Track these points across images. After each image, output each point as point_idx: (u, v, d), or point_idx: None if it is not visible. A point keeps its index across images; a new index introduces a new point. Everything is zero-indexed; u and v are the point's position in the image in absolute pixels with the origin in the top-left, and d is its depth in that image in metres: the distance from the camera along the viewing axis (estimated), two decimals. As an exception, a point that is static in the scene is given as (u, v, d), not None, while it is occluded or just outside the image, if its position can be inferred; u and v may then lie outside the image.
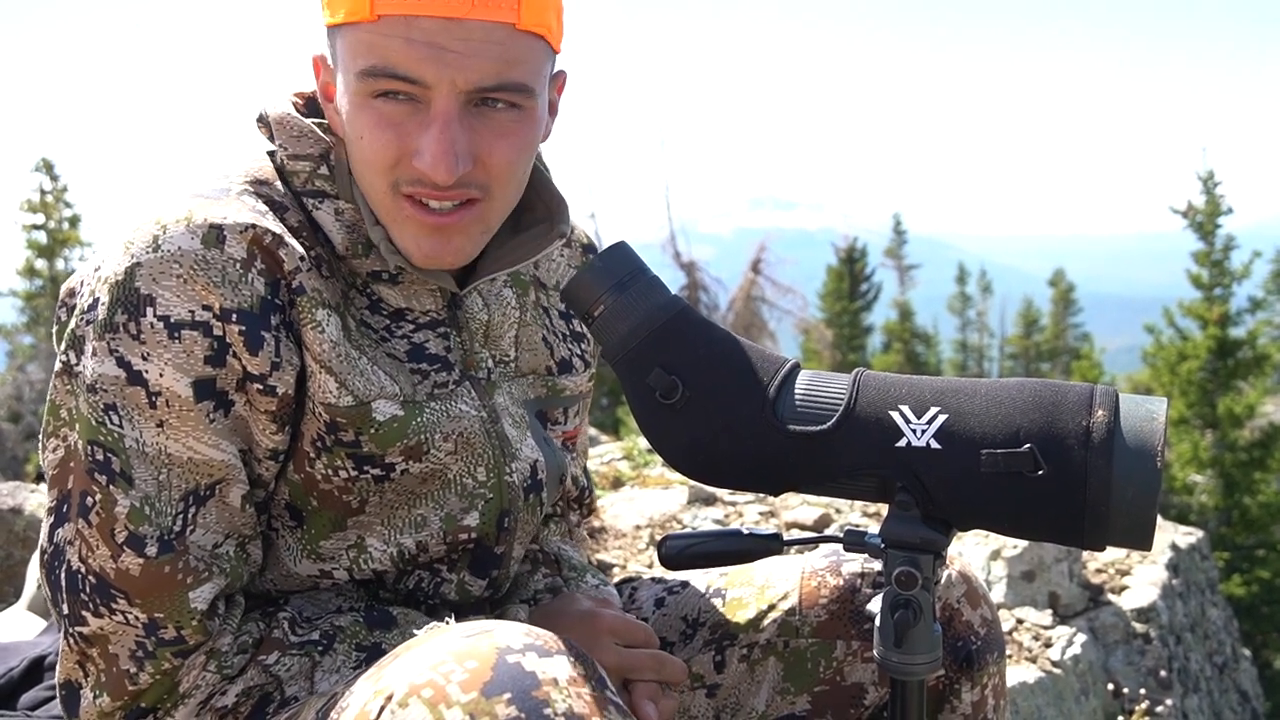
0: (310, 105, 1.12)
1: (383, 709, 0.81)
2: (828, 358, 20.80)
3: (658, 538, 2.76)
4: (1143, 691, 2.63)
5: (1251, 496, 11.47)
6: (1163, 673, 2.69)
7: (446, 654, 0.82)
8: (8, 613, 2.07)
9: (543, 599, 1.25)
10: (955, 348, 32.09)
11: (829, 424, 0.91)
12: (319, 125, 1.08)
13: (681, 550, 1.10)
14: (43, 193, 18.09)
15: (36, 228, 18.07)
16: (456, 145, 0.97)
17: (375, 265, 1.07)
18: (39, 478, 3.02)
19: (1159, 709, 2.60)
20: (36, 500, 2.79)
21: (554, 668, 0.81)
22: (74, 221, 18.31)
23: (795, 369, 0.96)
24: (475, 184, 1.02)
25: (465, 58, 0.96)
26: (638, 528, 2.92)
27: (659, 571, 2.44)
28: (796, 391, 0.93)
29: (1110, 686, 2.61)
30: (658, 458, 3.60)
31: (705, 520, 2.90)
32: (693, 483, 3.18)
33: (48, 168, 18.21)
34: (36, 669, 1.36)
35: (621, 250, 0.99)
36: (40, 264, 18.01)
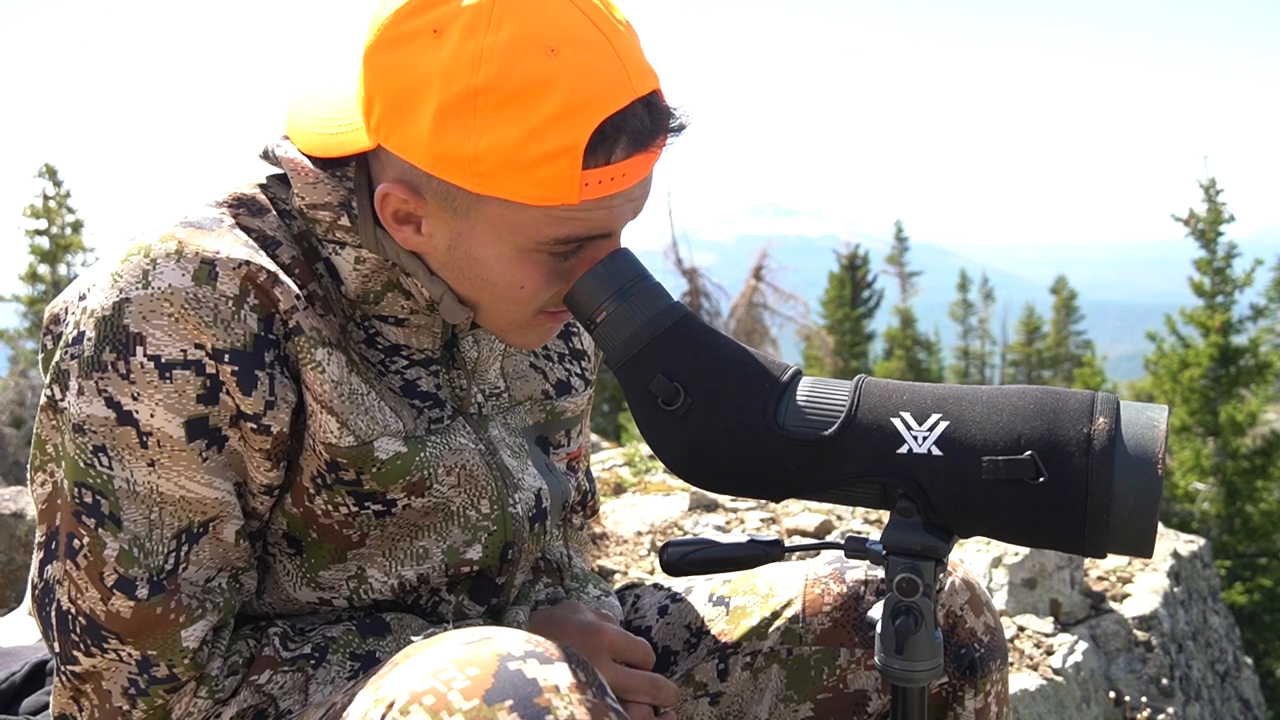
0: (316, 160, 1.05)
1: (384, 716, 0.80)
2: (829, 364, 20.79)
3: (659, 544, 2.76)
4: (1144, 699, 2.62)
5: (1253, 504, 11.45)
6: (1164, 681, 2.68)
7: (447, 661, 0.81)
8: (9, 617, 2.07)
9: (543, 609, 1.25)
10: (957, 355, 32.09)
11: (830, 430, 0.91)
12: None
13: (683, 557, 1.10)
14: (46, 198, 18.12)
15: (39, 233, 18.10)
16: None
17: (385, 310, 1.05)
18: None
19: (1160, 717, 2.59)
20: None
21: (555, 675, 0.81)
22: (77, 227, 18.34)
23: (797, 375, 0.96)
24: None
25: (643, 199, 1.00)
26: (639, 534, 2.92)
27: (661, 578, 2.43)
28: (798, 398, 0.94)
29: (1112, 694, 2.61)
30: (659, 464, 3.60)
31: (706, 527, 2.90)
32: (694, 489, 3.18)
33: (51, 173, 18.24)
34: (39, 674, 1.36)
35: (624, 257, 0.99)
36: (43, 269, 18.04)
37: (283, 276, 0.97)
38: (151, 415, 0.92)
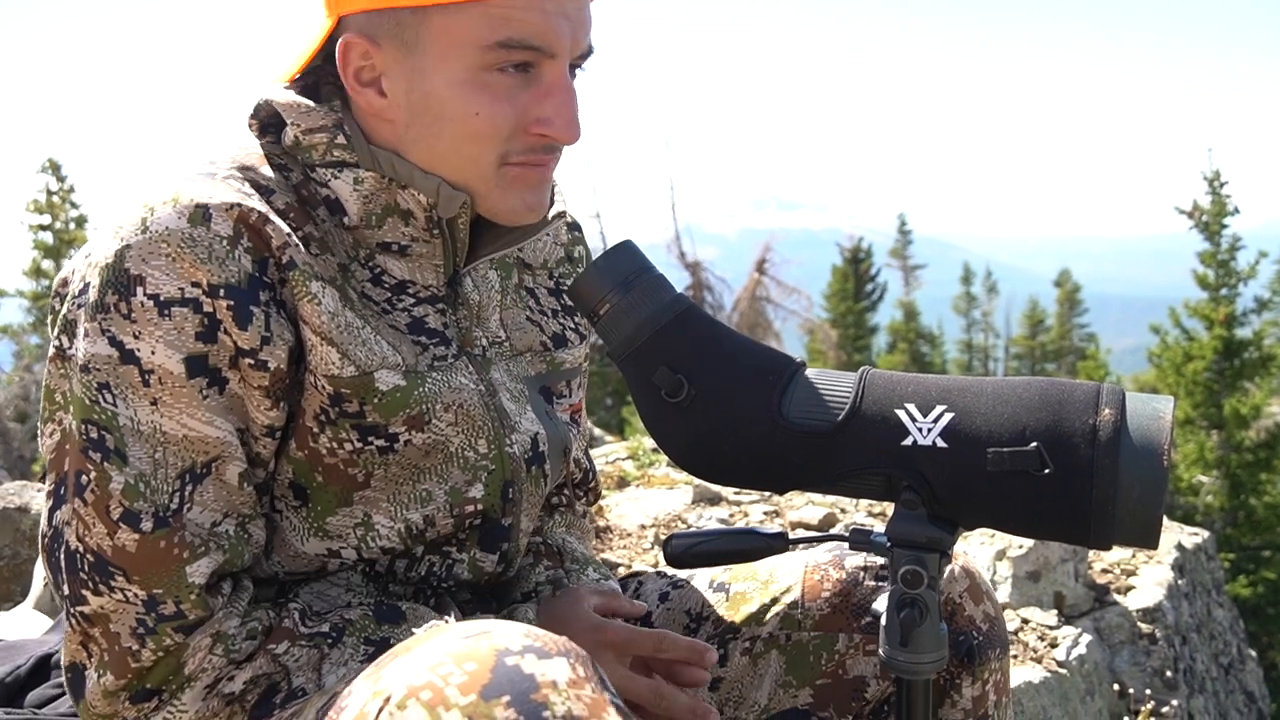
0: (304, 93, 1.11)
1: (381, 710, 0.80)
2: (833, 358, 20.78)
3: (663, 537, 2.77)
4: (1148, 692, 2.62)
5: (1257, 497, 11.44)
6: (1168, 673, 2.68)
7: (445, 655, 0.81)
8: (14, 611, 2.08)
9: (544, 591, 1.25)
10: (960, 348, 32.06)
11: (835, 423, 0.91)
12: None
13: (687, 549, 1.10)
14: (49, 193, 18.13)
15: (43, 228, 18.10)
16: (577, 109, 1.04)
17: (386, 236, 1.09)
18: (46, 476, 3.00)
19: (1165, 709, 2.59)
20: (43, 499, 2.80)
21: (553, 669, 0.81)
22: (80, 222, 18.34)
23: (801, 368, 0.96)
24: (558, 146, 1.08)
25: (579, 26, 1.03)
26: (643, 527, 2.92)
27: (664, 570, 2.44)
28: (802, 390, 0.93)
29: (1116, 687, 2.61)
30: (663, 457, 3.60)
31: (710, 520, 2.90)
32: (698, 482, 3.18)
33: (54, 168, 18.24)
34: (43, 667, 1.37)
35: (627, 249, 0.99)
36: (47, 264, 18.05)
37: (274, 217, 1.01)
38: (153, 352, 0.96)
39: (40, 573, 2.08)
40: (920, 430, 0.88)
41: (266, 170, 1.06)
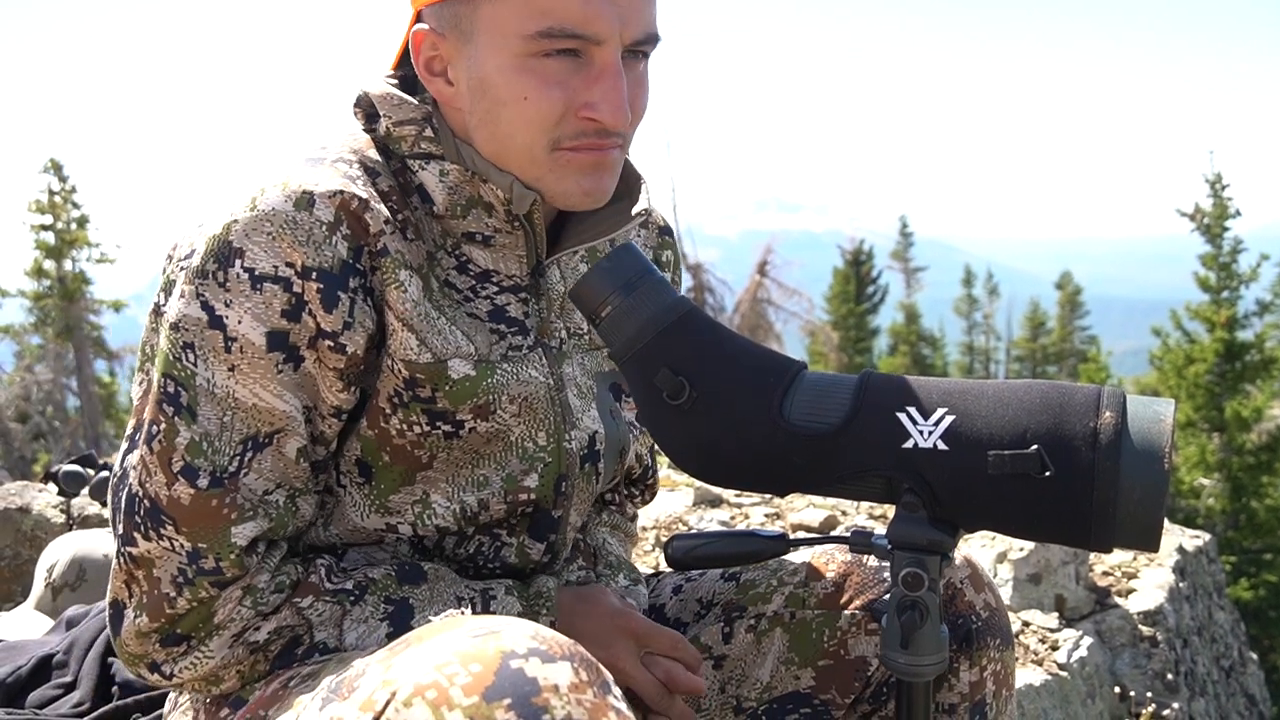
0: (401, 85, 1.16)
1: (388, 703, 0.81)
2: (834, 360, 20.79)
3: (664, 539, 2.77)
4: (1149, 695, 2.62)
5: (1259, 500, 11.45)
6: (1169, 676, 2.68)
7: (453, 655, 0.82)
8: (15, 612, 2.08)
9: None
10: (961, 350, 32.06)
11: (836, 425, 0.91)
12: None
13: (688, 551, 1.10)
14: (51, 193, 18.15)
15: (45, 228, 18.13)
16: (625, 94, 1.05)
17: (471, 226, 1.12)
18: (46, 478, 3.03)
19: (1166, 712, 2.59)
20: (44, 500, 2.80)
21: (556, 673, 0.81)
22: (82, 222, 18.36)
23: (802, 370, 0.96)
24: (621, 133, 1.08)
25: (630, 12, 1.04)
26: (644, 529, 2.92)
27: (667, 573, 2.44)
28: (804, 392, 0.93)
29: (1117, 690, 2.61)
30: (664, 459, 3.60)
31: (711, 522, 2.90)
32: (699, 484, 3.18)
33: (56, 168, 18.27)
34: (44, 667, 1.37)
35: (629, 251, 0.99)
36: (48, 264, 18.07)
37: (374, 203, 1.06)
38: (239, 322, 1.01)
39: (41, 573, 2.08)
40: (921, 433, 0.88)
41: (373, 154, 1.12)
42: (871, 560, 1.25)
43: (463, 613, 1.09)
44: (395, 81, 1.16)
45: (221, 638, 1.04)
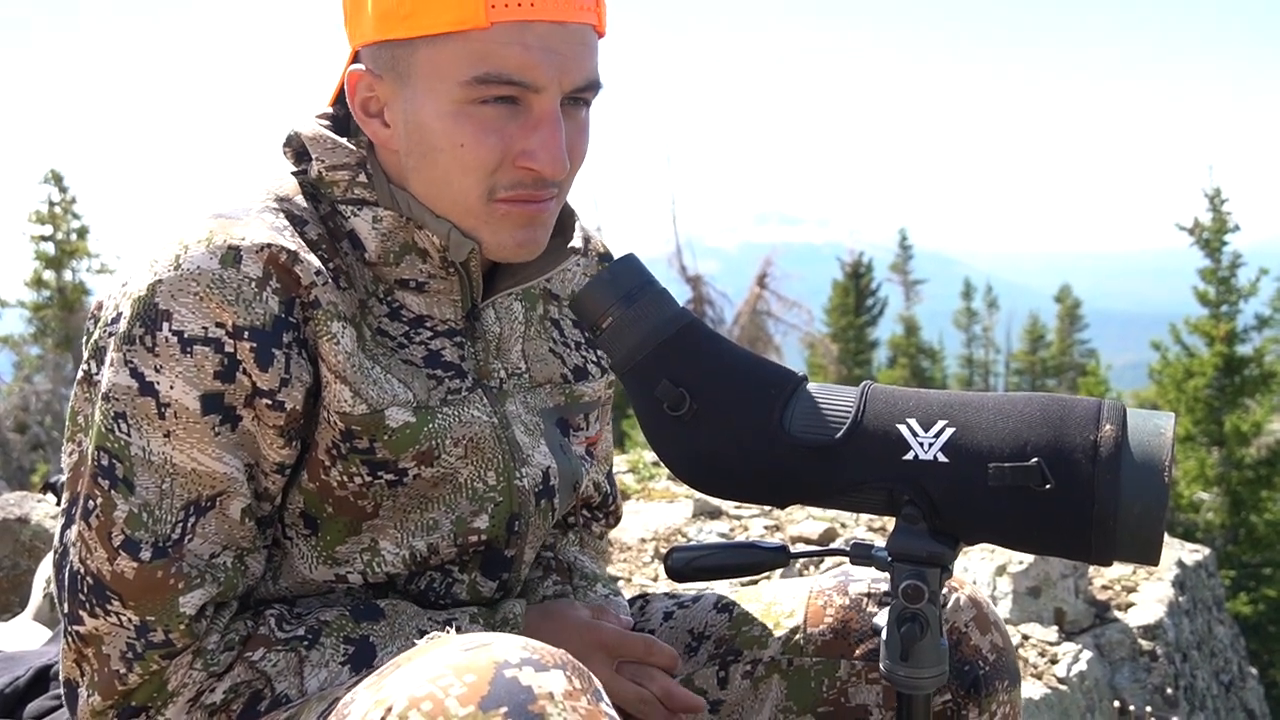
0: (336, 124, 1.14)
1: (383, 719, 0.81)
2: (833, 373, 20.79)
3: (663, 551, 2.76)
4: (1149, 709, 2.62)
5: (1258, 514, 11.43)
6: (1169, 690, 2.67)
7: (446, 667, 0.82)
8: (13, 622, 2.08)
9: None
10: (961, 363, 32.05)
11: (836, 437, 0.91)
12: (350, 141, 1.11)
13: (688, 563, 1.10)
14: (51, 204, 18.16)
15: (45, 239, 18.13)
16: (563, 144, 1.03)
17: (405, 273, 1.10)
18: (45, 488, 3.01)
19: (1166, 727, 2.59)
20: (43, 510, 2.80)
21: (550, 682, 0.82)
22: (82, 233, 18.37)
23: (802, 382, 0.96)
24: (558, 184, 1.07)
25: (569, 60, 1.01)
26: (643, 541, 2.92)
27: (666, 585, 2.43)
28: (804, 404, 0.94)
29: (1116, 704, 2.60)
30: (663, 471, 3.60)
31: (711, 534, 2.90)
32: (698, 496, 3.18)
33: (56, 179, 18.29)
34: (42, 679, 1.36)
35: (630, 262, 0.99)
36: (48, 275, 18.07)
37: (303, 254, 1.02)
38: (171, 387, 0.98)
39: (39, 584, 2.08)
40: (921, 445, 0.88)
41: (300, 200, 1.09)
42: (872, 607, 1.22)
43: (447, 631, 1.09)
44: (328, 123, 1.13)
45: (177, 704, 1.01)
